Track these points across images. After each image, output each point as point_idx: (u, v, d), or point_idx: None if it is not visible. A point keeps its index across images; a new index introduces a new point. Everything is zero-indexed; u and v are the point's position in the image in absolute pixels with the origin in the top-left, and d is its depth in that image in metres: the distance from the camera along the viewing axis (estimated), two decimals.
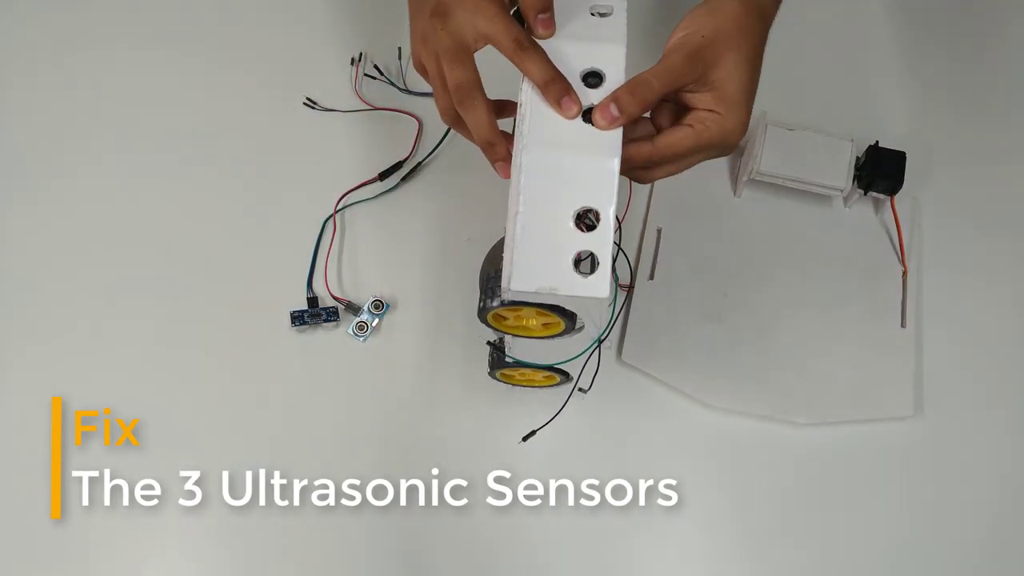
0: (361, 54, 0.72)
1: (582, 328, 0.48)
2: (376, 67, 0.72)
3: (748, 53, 0.47)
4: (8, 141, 0.70)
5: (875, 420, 0.61)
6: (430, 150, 0.69)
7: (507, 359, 0.54)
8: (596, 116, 0.44)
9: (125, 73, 0.73)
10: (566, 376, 0.56)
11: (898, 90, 0.73)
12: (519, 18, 0.46)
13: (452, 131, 0.66)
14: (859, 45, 0.75)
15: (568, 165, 0.43)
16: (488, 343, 0.55)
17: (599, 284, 0.42)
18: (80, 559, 0.59)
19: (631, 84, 0.44)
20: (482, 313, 0.47)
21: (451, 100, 0.47)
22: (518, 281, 0.42)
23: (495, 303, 0.46)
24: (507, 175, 0.46)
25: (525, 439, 0.56)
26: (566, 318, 0.46)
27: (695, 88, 0.47)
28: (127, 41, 0.74)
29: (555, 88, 0.44)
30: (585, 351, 0.51)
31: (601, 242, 0.42)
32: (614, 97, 0.44)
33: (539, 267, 0.42)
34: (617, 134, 0.43)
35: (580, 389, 0.55)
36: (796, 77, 0.72)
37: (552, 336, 0.49)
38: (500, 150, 0.47)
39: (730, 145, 0.48)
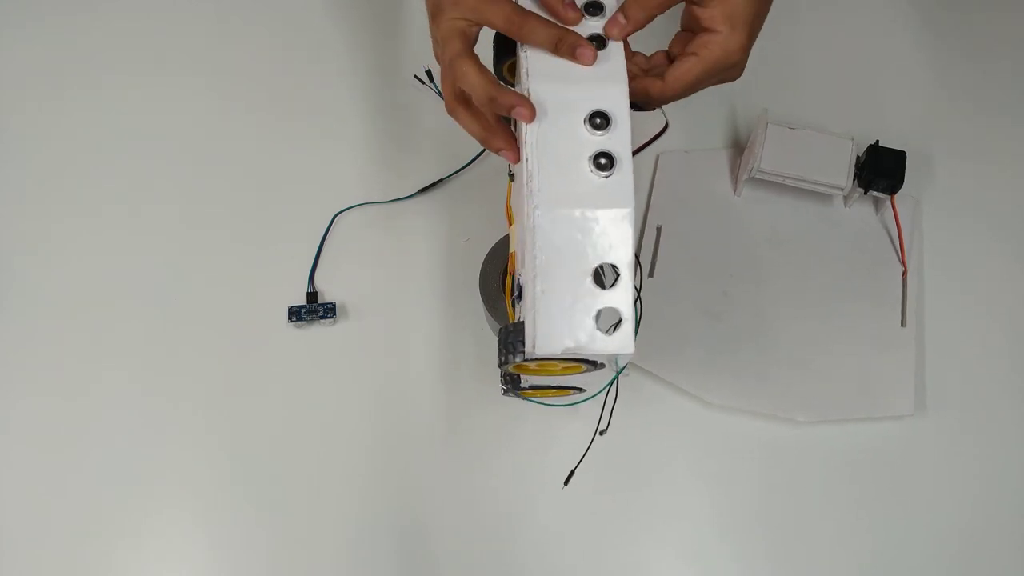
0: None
1: (603, 366, 0.47)
2: (428, 72, 0.70)
3: None
4: (13, 141, 0.70)
5: (875, 419, 0.61)
6: (455, 168, 0.68)
7: (523, 385, 0.52)
8: (606, 28, 0.44)
9: (131, 67, 0.73)
10: (592, 365, 0.53)
11: (898, 90, 0.73)
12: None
13: (482, 154, 0.67)
14: (860, 44, 0.75)
15: (581, 221, 0.41)
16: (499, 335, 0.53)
17: (624, 341, 0.41)
18: (77, 555, 0.58)
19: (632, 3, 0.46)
20: (503, 367, 0.46)
21: (451, 83, 0.46)
22: (542, 346, 0.41)
23: (516, 358, 0.44)
24: (530, 115, 0.42)
25: (566, 482, 0.55)
26: (589, 364, 0.45)
27: (703, 1, 0.46)
28: (134, 33, 0.74)
29: (568, 42, 0.43)
30: (604, 389, 0.50)
31: (623, 298, 0.41)
32: (622, 7, 0.45)
33: (562, 329, 0.41)
34: (628, 183, 0.42)
35: (601, 433, 0.53)
36: (796, 76, 0.73)
37: (572, 375, 0.48)
38: (505, 99, 0.43)
39: (732, 66, 0.48)
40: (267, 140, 0.70)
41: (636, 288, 0.43)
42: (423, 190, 0.68)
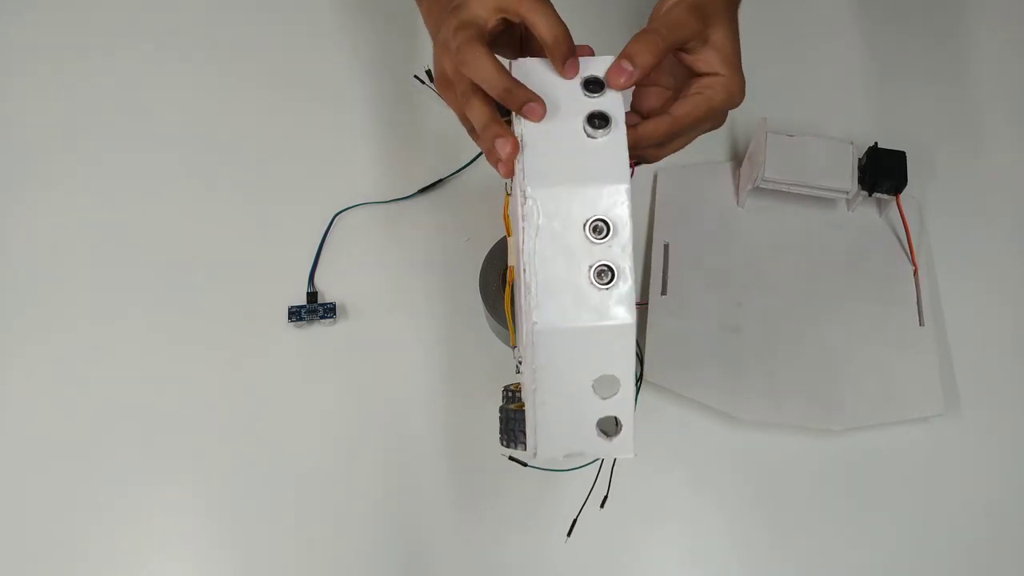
0: None
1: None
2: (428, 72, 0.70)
3: (734, 18, 0.47)
4: (14, 138, 0.69)
5: (907, 421, 0.60)
6: (455, 169, 0.68)
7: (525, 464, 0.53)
8: (610, 76, 0.42)
9: (133, 63, 0.73)
10: None
11: (889, 91, 0.73)
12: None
13: (481, 155, 0.65)
14: (850, 49, 0.75)
15: (581, 333, 0.40)
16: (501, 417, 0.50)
17: (624, 445, 0.42)
18: (76, 556, 0.56)
19: (640, 36, 0.43)
20: (505, 448, 0.47)
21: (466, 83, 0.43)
22: (543, 452, 0.42)
23: (518, 448, 0.45)
24: (541, 114, 0.40)
25: (569, 534, 0.54)
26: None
27: (696, 48, 0.45)
28: (131, 32, 0.74)
29: (517, 97, 0.41)
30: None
31: (623, 407, 0.41)
32: (625, 54, 0.42)
33: (563, 434, 0.42)
34: (630, 295, 0.40)
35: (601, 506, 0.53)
36: (788, 83, 0.73)
37: None
38: (521, 93, 0.41)
39: (733, 106, 0.47)
40: (268, 140, 0.69)
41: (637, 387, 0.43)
42: (423, 190, 0.67)
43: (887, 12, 0.77)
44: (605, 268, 0.40)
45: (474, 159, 0.67)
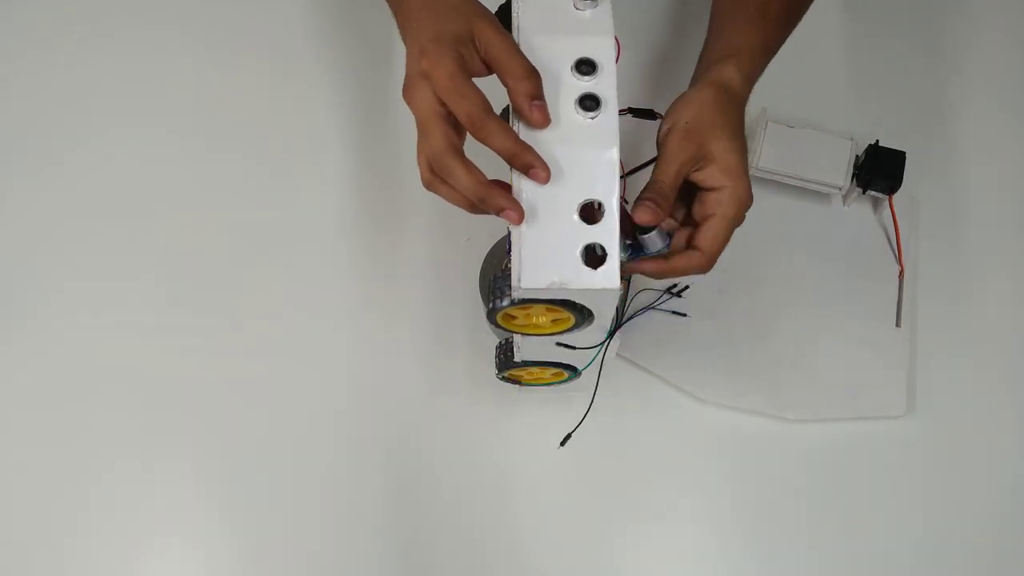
0: None
1: (592, 321, 0.47)
2: None
3: (734, 126, 0.49)
4: (13, 136, 0.69)
5: (866, 418, 0.61)
6: None
7: (516, 360, 0.54)
8: (637, 215, 0.45)
9: (133, 61, 0.73)
10: (574, 371, 0.55)
11: (898, 90, 0.72)
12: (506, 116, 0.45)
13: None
14: (861, 44, 0.74)
15: (568, 159, 0.43)
16: (497, 346, 0.55)
17: (609, 275, 0.42)
18: (82, 559, 0.58)
19: (650, 189, 0.46)
20: (491, 314, 0.46)
21: (427, 158, 0.44)
22: (528, 279, 0.42)
23: (504, 303, 0.44)
24: (519, 219, 0.42)
25: (563, 443, 0.58)
26: (576, 312, 0.45)
27: (700, 165, 0.48)
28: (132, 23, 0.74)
29: (522, 160, 0.42)
30: (599, 346, 0.51)
31: (607, 233, 0.42)
32: (648, 197, 0.46)
33: (547, 263, 0.42)
34: (613, 123, 0.43)
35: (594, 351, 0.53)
36: (797, 74, 0.72)
37: (563, 332, 0.48)
38: (495, 201, 0.42)
39: (747, 209, 0.50)
40: (268, 141, 0.70)
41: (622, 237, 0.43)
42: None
43: (904, 11, 0.76)
44: (591, 99, 0.43)
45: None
